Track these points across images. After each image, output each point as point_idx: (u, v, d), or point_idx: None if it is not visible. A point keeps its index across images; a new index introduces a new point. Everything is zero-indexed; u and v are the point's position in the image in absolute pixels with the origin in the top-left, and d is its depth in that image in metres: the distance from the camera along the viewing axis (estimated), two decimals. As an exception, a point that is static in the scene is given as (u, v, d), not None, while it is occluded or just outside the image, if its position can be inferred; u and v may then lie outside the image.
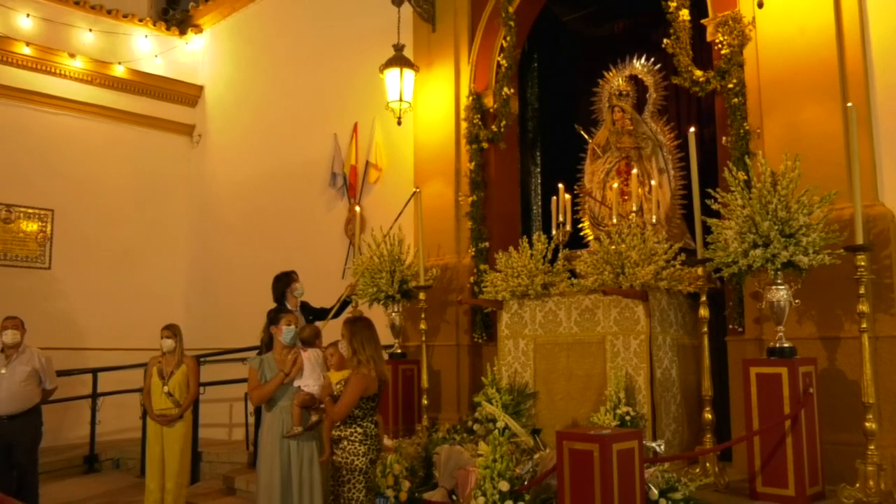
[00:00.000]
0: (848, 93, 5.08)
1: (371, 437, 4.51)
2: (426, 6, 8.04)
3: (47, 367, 6.70)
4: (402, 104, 7.65)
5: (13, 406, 6.43)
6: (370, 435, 4.51)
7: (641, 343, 5.45)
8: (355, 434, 4.47)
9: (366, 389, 4.45)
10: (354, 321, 4.77)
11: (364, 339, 4.58)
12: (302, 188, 10.03)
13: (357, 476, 4.41)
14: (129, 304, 11.18)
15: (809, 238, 4.48)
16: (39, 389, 6.66)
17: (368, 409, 4.52)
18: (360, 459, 4.43)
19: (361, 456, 4.44)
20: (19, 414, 6.46)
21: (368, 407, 4.52)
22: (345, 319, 4.85)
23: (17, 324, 6.64)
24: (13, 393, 6.43)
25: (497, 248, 6.77)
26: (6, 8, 10.62)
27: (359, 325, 4.69)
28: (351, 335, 4.59)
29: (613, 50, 7.64)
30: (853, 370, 4.75)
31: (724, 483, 4.81)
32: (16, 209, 10.69)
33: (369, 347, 4.56)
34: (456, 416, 6.79)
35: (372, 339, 4.63)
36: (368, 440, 4.49)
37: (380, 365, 4.59)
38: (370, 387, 4.48)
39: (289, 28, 10.70)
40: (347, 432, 4.47)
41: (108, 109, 11.57)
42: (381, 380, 4.56)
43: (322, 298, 7.24)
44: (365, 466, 4.45)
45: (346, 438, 4.47)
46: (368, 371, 4.46)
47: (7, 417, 6.42)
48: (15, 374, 6.50)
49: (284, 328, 5.15)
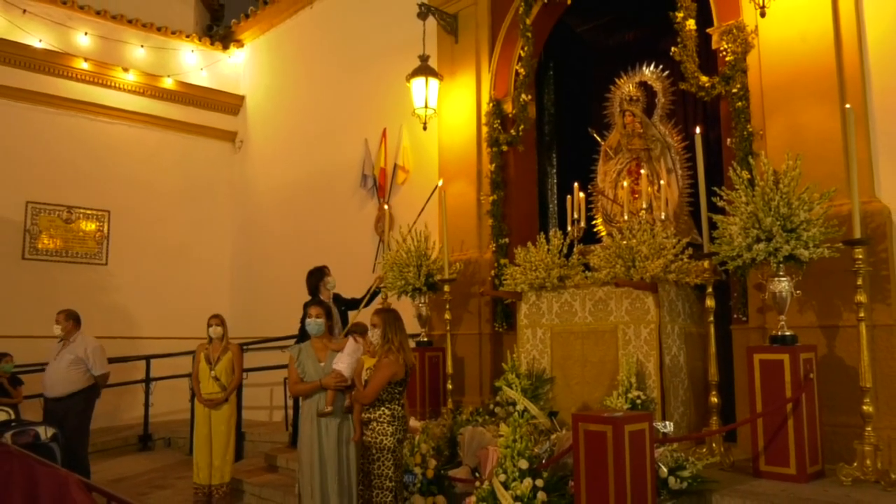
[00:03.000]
0: (846, 95, 5.01)
1: (399, 419, 4.50)
2: (449, 19, 8.03)
3: (93, 355, 6.81)
4: (428, 111, 7.65)
5: (57, 389, 6.68)
6: (398, 416, 4.49)
7: (651, 332, 5.42)
8: (384, 416, 4.46)
9: (394, 375, 4.44)
10: (386, 311, 4.76)
11: (396, 328, 4.57)
12: (335, 189, 10.07)
13: (386, 454, 4.41)
14: (178, 296, 11.32)
15: (810, 233, 4.43)
16: (85, 375, 6.78)
17: (396, 394, 4.50)
18: (388, 439, 4.42)
19: (389, 436, 4.43)
20: (65, 396, 6.67)
21: (396, 391, 4.50)
22: (375, 309, 4.84)
23: (63, 317, 6.83)
24: (58, 378, 6.69)
25: (516, 243, 6.76)
26: (66, 27, 10.79)
27: (391, 315, 4.68)
28: (385, 323, 4.57)
29: (624, 58, 7.58)
30: (851, 357, 4.69)
31: (730, 462, 4.78)
32: (76, 210, 10.86)
33: (400, 335, 4.55)
34: (478, 400, 6.79)
35: (401, 328, 4.62)
36: (396, 421, 4.47)
37: (408, 353, 4.58)
38: (398, 372, 4.46)
39: (322, 42, 10.74)
40: (376, 414, 4.46)
41: (158, 118, 11.71)
42: (408, 366, 4.55)
43: (354, 291, 7.28)
44: (393, 445, 4.44)
45: (374, 420, 4.46)
46: (397, 358, 4.46)
47: (54, 399, 6.68)
48: (62, 361, 6.70)
49: (308, 321, 5.04)
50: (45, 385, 6.81)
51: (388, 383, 4.45)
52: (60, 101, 10.73)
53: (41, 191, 10.55)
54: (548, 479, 4.11)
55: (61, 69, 10.71)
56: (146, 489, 7.27)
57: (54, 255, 10.61)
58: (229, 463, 6.53)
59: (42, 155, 10.55)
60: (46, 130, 10.61)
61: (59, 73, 10.72)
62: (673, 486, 4.10)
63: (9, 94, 10.26)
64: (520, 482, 4.05)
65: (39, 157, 10.52)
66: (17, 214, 10.37)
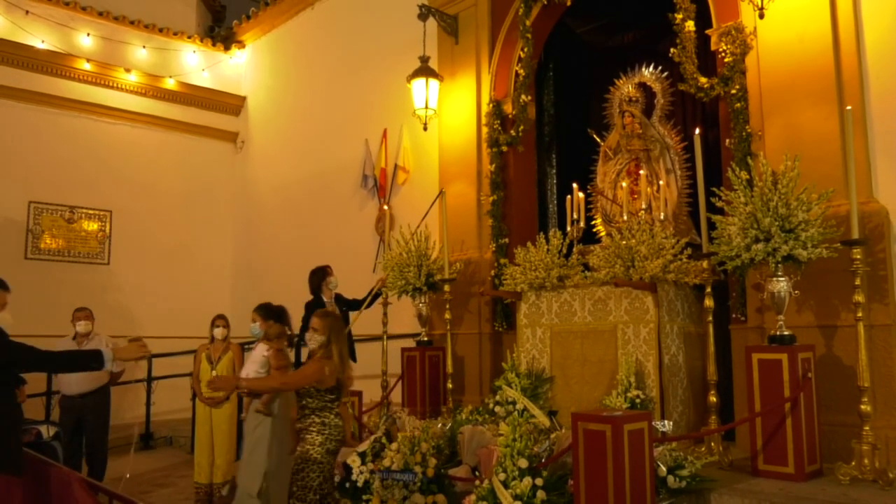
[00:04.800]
0: (844, 97, 5.01)
1: (330, 428, 4.23)
2: (449, 21, 8.03)
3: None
4: (428, 111, 7.65)
5: (82, 386, 6.68)
6: (329, 425, 4.22)
7: (650, 331, 5.42)
8: (313, 425, 4.21)
9: (319, 381, 4.17)
10: (328, 315, 4.48)
11: (340, 338, 4.33)
12: (336, 189, 10.08)
13: (311, 466, 4.13)
14: (179, 296, 11.32)
15: (808, 233, 4.43)
16: (107, 371, 6.80)
17: (327, 401, 4.24)
18: (315, 450, 4.16)
19: (318, 446, 4.16)
20: (88, 393, 6.70)
21: (327, 399, 4.24)
22: (317, 312, 4.52)
23: (87, 315, 6.87)
24: (80, 375, 6.62)
25: (516, 243, 6.76)
26: (69, 28, 10.79)
27: (337, 323, 4.41)
28: (330, 331, 4.30)
29: (623, 59, 7.58)
30: (849, 356, 4.69)
31: (728, 461, 4.78)
32: (78, 210, 10.86)
33: (341, 346, 4.30)
34: (478, 399, 6.79)
35: (344, 338, 4.38)
36: (327, 430, 4.21)
37: (346, 367, 4.34)
38: (324, 379, 4.18)
39: (323, 43, 10.74)
40: (306, 423, 4.22)
41: (160, 119, 11.71)
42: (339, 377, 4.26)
43: (354, 291, 7.28)
44: (321, 457, 4.16)
45: (304, 429, 4.22)
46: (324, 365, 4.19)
47: (78, 396, 6.69)
48: None
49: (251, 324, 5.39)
50: (63, 383, 6.82)
51: (314, 387, 4.20)
52: (63, 101, 10.73)
53: (43, 191, 10.55)
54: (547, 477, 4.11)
55: (63, 70, 10.72)
56: (148, 488, 7.27)
57: (56, 255, 10.61)
58: (230, 462, 6.53)
59: (44, 155, 10.55)
60: (49, 131, 10.61)
61: (62, 74, 10.72)
62: (672, 485, 4.10)
63: (11, 94, 10.25)
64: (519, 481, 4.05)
65: (42, 158, 10.52)
66: (20, 214, 10.37)
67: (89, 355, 4.00)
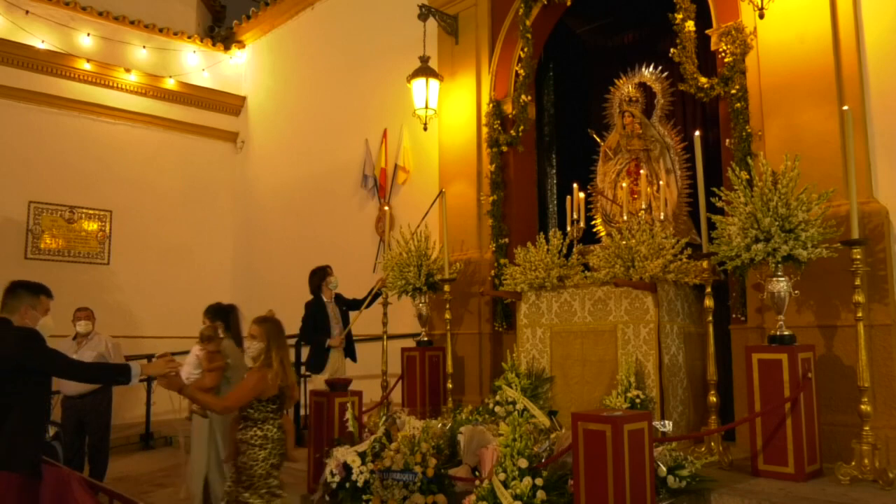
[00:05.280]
0: (844, 97, 5.01)
1: (273, 441, 4.06)
2: (450, 21, 8.03)
3: (114, 351, 6.87)
4: (428, 111, 7.65)
5: (82, 386, 6.65)
6: (271, 439, 4.06)
7: (650, 331, 5.42)
8: (255, 438, 4.03)
9: (262, 391, 4.02)
10: (267, 321, 4.31)
11: (280, 343, 4.17)
12: (336, 189, 10.07)
13: (257, 482, 3.98)
14: (179, 295, 11.31)
15: (808, 233, 4.43)
16: None
17: (269, 412, 4.08)
18: (259, 465, 4.00)
19: (261, 461, 4.01)
20: (89, 393, 6.70)
21: (269, 409, 4.07)
22: (256, 318, 4.36)
23: (88, 314, 6.87)
24: None
25: (516, 243, 6.76)
26: (69, 28, 10.79)
27: (275, 328, 4.24)
28: (269, 338, 4.13)
29: (623, 59, 7.59)
30: (849, 356, 4.69)
31: (728, 461, 4.77)
32: (78, 210, 10.86)
33: (282, 352, 4.15)
34: (478, 399, 6.79)
35: (284, 344, 4.22)
36: (269, 444, 4.05)
37: (288, 371, 4.16)
38: (267, 389, 4.03)
39: (323, 43, 10.74)
40: (248, 436, 4.04)
41: (160, 119, 11.72)
42: (284, 385, 4.10)
43: (355, 291, 7.28)
44: (265, 472, 4.02)
45: (246, 442, 4.04)
46: (265, 374, 4.03)
47: (79, 396, 6.69)
48: (83, 358, 6.66)
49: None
50: (63, 383, 6.79)
51: (258, 400, 4.04)
52: (63, 101, 10.73)
53: (43, 191, 10.55)
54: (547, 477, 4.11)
55: (64, 70, 10.72)
56: (148, 488, 7.26)
57: (56, 255, 10.61)
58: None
59: (44, 155, 10.55)
60: (49, 131, 10.61)
61: (62, 74, 10.72)
62: (672, 485, 4.10)
63: (11, 94, 10.25)
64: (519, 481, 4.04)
65: (42, 158, 10.52)
66: (20, 214, 10.37)
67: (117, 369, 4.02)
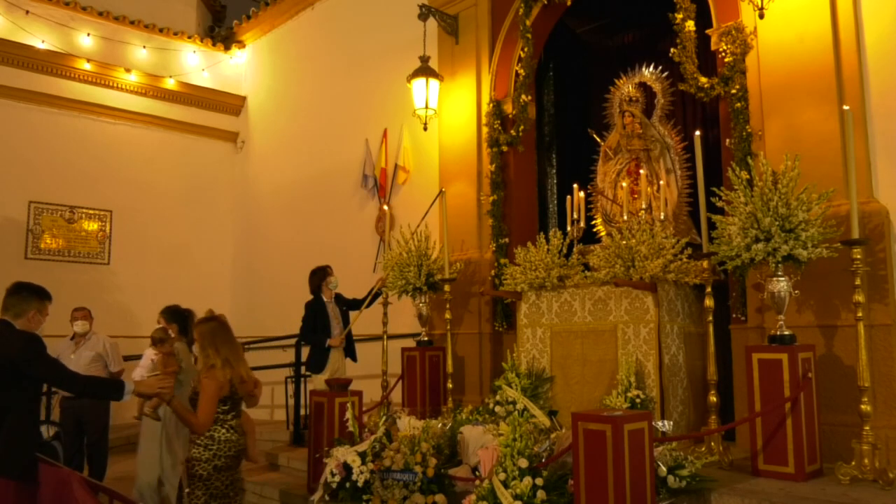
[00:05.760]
0: (844, 96, 5.01)
1: (220, 443, 3.99)
2: (450, 20, 8.03)
3: (111, 352, 6.86)
4: (428, 111, 7.65)
5: None
6: (218, 440, 3.99)
7: (651, 331, 5.42)
8: (202, 438, 3.98)
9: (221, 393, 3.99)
10: (202, 322, 4.23)
11: (217, 342, 4.07)
12: (336, 189, 10.08)
13: (196, 483, 3.93)
14: (179, 295, 11.10)
15: (808, 233, 4.43)
16: (104, 371, 6.80)
17: (219, 413, 4.00)
18: (201, 465, 3.94)
19: (204, 462, 3.94)
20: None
21: (219, 410, 4.00)
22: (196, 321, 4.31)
23: (85, 314, 6.86)
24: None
25: (516, 243, 6.76)
26: (69, 28, 10.79)
27: (207, 328, 4.14)
28: (202, 336, 4.07)
29: (624, 59, 7.59)
30: (849, 356, 4.69)
31: (728, 461, 4.77)
32: (78, 210, 10.86)
33: (223, 349, 4.06)
34: (479, 399, 6.79)
35: (225, 341, 4.11)
36: (215, 445, 3.98)
37: (236, 366, 4.06)
38: (222, 389, 3.99)
39: (323, 43, 10.74)
40: (196, 436, 3.99)
41: (161, 119, 11.72)
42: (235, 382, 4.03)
43: (355, 291, 7.28)
44: (207, 473, 3.94)
45: (193, 442, 3.99)
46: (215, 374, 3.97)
47: (76, 397, 6.59)
48: (81, 358, 6.69)
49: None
50: None
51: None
52: (63, 101, 10.73)
53: (44, 191, 10.55)
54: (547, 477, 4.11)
55: (64, 70, 10.72)
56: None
57: (57, 255, 10.61)
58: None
59: (44, 155, 10.55)
60: (49, 131, 10.61)
61: (62, 74, 10.72)
62: (672, 485, 4.10)
63: (11, 94, 10.26)
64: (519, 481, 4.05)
65: (42, 158, 10.53)
66: (20, 214, 10.37)
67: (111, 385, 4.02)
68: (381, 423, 5.17)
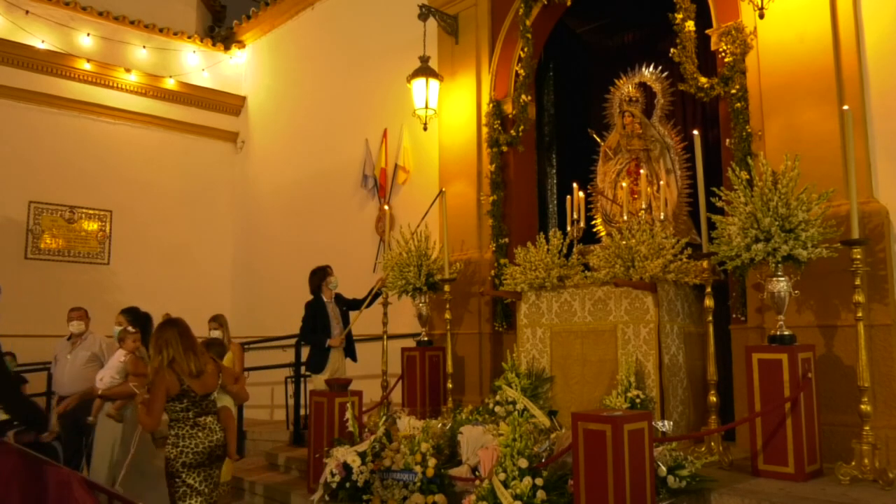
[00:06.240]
0: (844, 96, 5.01)
1: (184, 440, 4.05)
2: (450, 21, 8.03)
3: (107, 352, 6.84)
4: (428, 111, 7.66)
5: (75, 387, 6.61)
6: (182, 437, 4.06)
7: (651, 331, 5.42)
8: (170, 437, 4.05)
9: (167, 391, 4.02)
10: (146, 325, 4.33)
11: (162, 343, 4.10)
12: (336, 189, 10.08)
13: (170, 480, 4.03)
14: (180, 296, 11.27)
15: (808, 233, 4.43)
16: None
17: (178, 412, 4.07)
18: (170, 463, 4.04)
19: (173, 459, 4.02)
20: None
21: (177, 409, 4.06)
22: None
23: (81, 315, 6.84)
24: (75, 375, 6.62)
25: (516, 243, 6.76)
26: (69, 28, 10.79)
27: (157, 332, 4.20)
28: (151, 342, 4.13)
29: (624, 59, 7.58)
30: (849, 356, 4.69)
31: (728, 461, 4.77)
32: (78, 210, 10.86)
33: (170, 349, 4.08)
34: (478, 399, 6.79)
35: (168, 341, 4.11)
36: (181, 442, 4.05)
37: (182, 364, 4.07)
38: (170, 388, 4.02)
39: (323, 43, 10.74)
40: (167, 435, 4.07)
41: (161, 119, 11.72)
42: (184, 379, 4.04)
43: (355, 291, 7.28)
44: (176, 470, 4.02)
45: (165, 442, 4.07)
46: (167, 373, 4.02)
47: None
48: (77, 358, 6.68)
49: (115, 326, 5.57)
50: (58, 384, 6.78)
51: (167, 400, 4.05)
52: (63, 101, 10.73)
53: (43, 191, 10.56)
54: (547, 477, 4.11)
55: (64, 70, 10.72)
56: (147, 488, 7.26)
57: (57, 255, 10.61)
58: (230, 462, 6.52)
59: (44, 155, 10.55)
60: (49, 131, 10.61)
61: (62, 74, 10.72)
62: (672, 485, 4.10)
63: (11, 94, 10.26)
64: (519, 481, 4.05)
65: (42, 158, 10.53)
66: (20, 214, 10.37)
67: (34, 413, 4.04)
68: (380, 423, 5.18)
